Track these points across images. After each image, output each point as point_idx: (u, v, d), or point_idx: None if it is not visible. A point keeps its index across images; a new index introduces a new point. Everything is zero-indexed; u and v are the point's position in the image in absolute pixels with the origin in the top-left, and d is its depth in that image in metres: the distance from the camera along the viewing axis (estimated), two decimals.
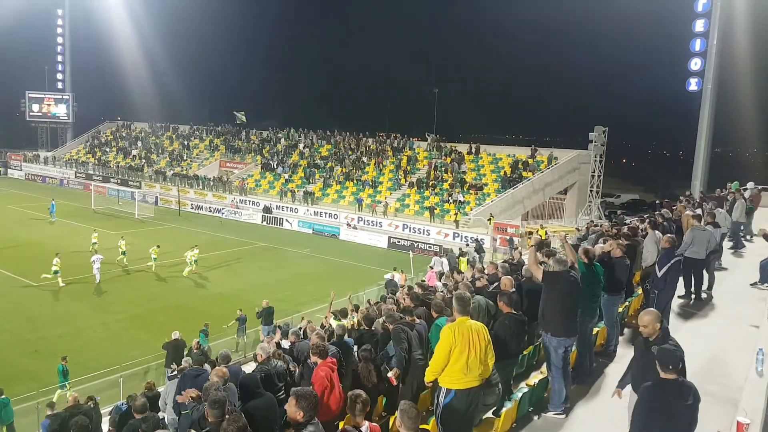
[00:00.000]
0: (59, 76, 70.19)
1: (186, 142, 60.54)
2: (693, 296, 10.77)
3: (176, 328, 16.02)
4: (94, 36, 74.03)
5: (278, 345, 9.44)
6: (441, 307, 7.60)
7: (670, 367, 4.62)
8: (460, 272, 14.84)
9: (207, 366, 9.06)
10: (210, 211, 45.32)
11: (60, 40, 69.12)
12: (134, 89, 78.39)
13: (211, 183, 49.52)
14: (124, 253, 27.87)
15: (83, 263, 25.75)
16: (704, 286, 10.97)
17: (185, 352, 13.81)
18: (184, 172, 53.64)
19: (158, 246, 27.70)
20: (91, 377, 15.07)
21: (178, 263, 27.72)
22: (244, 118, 53.33)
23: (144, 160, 58.17)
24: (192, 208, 46.36)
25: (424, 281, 16.78)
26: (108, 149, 64.25)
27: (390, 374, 6.88)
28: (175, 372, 9.97)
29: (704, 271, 10.77)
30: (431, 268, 23.61)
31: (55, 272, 24.11)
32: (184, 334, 15.57)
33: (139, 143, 62.98)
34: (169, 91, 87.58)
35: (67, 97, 69.56)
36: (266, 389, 6.24)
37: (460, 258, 25.58)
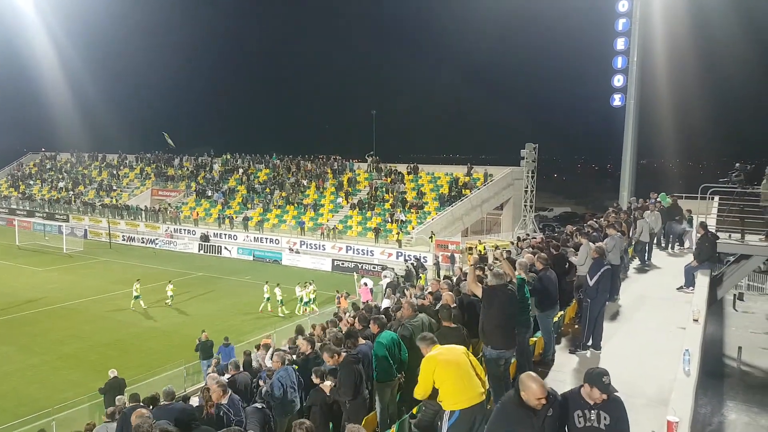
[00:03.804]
0: None
1: (115, 172, 58.32)
2: (616, 298, 11.53)
3: (111, 366, 15.24)
4: (14, 65, 70.74)
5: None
6: (383, 324, 7.55)
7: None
8: (412, 286, 15.29)
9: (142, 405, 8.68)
10: (143, 242, 43.62)
11: None
12: (58, 119, 75.37)
13: (143, 213, 47.82)
14: (136, 297, 25.75)
15: (6, 302, 24.17)
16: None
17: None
18: (114, 202, 51.57)
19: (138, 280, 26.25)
20: (21, 423, 14.14)
21: (112, 298, 26.54)
22: (171, 142, 51.86)
23: (71, 192, 55.56)
24: (124, 239, 44.51)
25: (367, 301, 16.85)
26: (32, 182, 60.95)
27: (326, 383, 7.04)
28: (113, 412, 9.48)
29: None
30: (365, 284, 23.83)
31: (136, 297, 25.25)
32: (120, 372, 14.83)
33: (66, 174, 60.14)
34: (95, 119, 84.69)
35: None
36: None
37: (422, 275, 26.00)
